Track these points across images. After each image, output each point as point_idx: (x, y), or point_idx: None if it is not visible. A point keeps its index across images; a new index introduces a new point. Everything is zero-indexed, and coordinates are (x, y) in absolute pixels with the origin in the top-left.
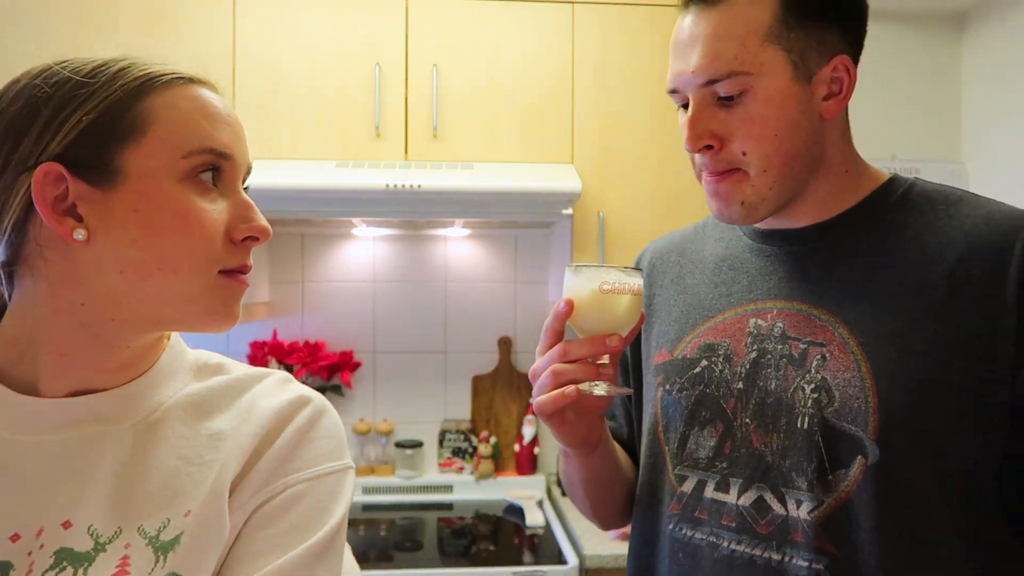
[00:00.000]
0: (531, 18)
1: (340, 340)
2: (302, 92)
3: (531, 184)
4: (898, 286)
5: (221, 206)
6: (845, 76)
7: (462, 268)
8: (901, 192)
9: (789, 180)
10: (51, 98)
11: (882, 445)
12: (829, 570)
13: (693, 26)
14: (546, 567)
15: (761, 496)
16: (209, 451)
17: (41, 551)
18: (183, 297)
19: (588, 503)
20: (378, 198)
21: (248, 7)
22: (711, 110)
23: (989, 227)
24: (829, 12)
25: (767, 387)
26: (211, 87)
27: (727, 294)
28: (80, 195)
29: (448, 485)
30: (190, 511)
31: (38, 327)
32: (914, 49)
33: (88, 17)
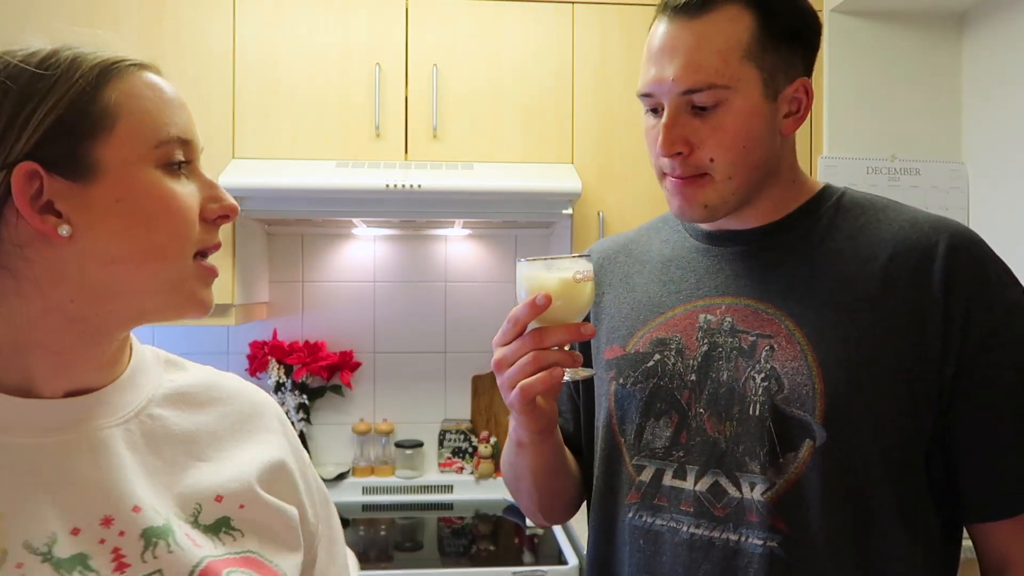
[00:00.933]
0: (531, 18)
1: (340, 340)
2: (302, 92)
3: (531, 184)
4: (837, 282)
5: (191, 188)
6: (804, 97)
7: (462, 268)
8: (835, 199)
9: (748, 188)
10: (7, 92)
11: (828, 428)
12: (782, 547)
13: (674, 36)
14: (546, 567)
15: (717, 481)
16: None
17: (123, 537)
18: (168, 284)
19: (536, 496)
20: (378, 198)
21: (248, 7)
22: (685, 118)
23: (914, 230)
24: (796, 37)
25: (719, 378)
26: (156, 70)
27: (676, 291)
28: (57, 191)
29: (448, 485)
30: (221, 497)
31: (25, 328)
32: (914, 49)
33: (88, 17)
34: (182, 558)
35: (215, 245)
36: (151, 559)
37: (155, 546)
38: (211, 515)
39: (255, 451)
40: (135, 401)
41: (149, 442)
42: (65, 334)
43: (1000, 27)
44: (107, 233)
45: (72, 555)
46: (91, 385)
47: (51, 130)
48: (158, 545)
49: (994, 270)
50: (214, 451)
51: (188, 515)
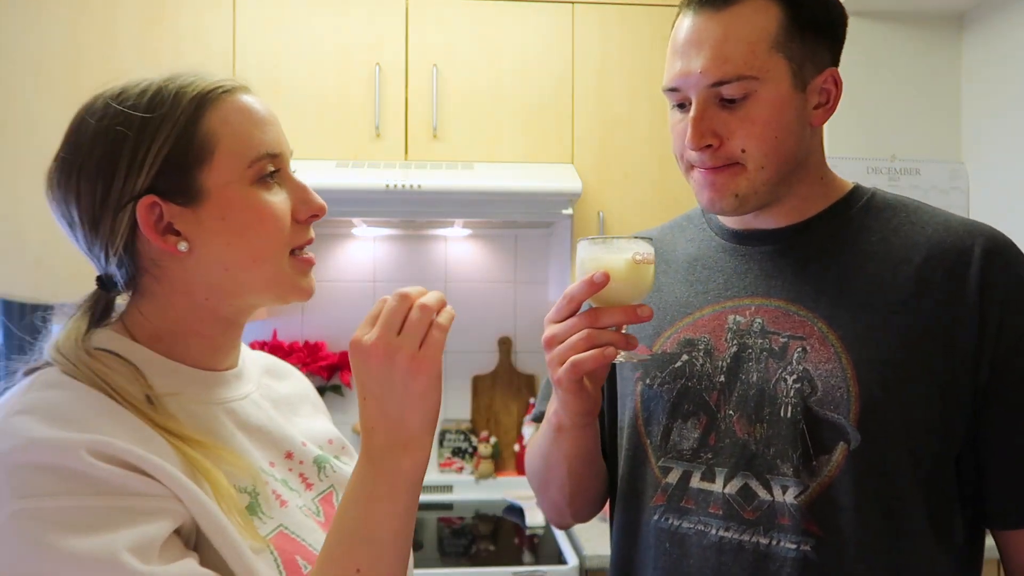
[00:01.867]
0: (531, 18)
1: (340, 340)
2: (302, 92)
3: (531, 184)
4: (870, 284)
5: (283, 195)
6: (833, 88)
7: (462, 268)
8: (865, 199)
9: (779, 179)
10: (126, 139)
11: (863, 430)
12: (815, 550)
13: (701, 28)
14: (546, 567)
15: (747, 483)
16: (296, 404)
17: (302, 464)
18: (272, 279)
19: (567, 487)
20: (378, 198)
21: (248, 7)
22: (714, 111)
23: (948, 233)
24: (823, 27)
25: (749, 379)
26: (246, 90)
27: (703, 292)
28: (174, 215)
29: (448, 485)
30: (331, 440)
31: (180, 320)
32: (914, 49)
33: (88, 17)
34: (343, 474)
35: (308, 240)
36: (324, 478)
37: (323, 469)
38: (332, 450)
39: (321, 421)
40: (254, 374)
41: (272, 402)
42: (209, 324)
43: (1000, 27)
44: (217, 245)
45: (282, 479)
46: (233, 363)
47: (163, 165)
48: (324, 468)
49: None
50: (299, 411)
51: (321, 448)
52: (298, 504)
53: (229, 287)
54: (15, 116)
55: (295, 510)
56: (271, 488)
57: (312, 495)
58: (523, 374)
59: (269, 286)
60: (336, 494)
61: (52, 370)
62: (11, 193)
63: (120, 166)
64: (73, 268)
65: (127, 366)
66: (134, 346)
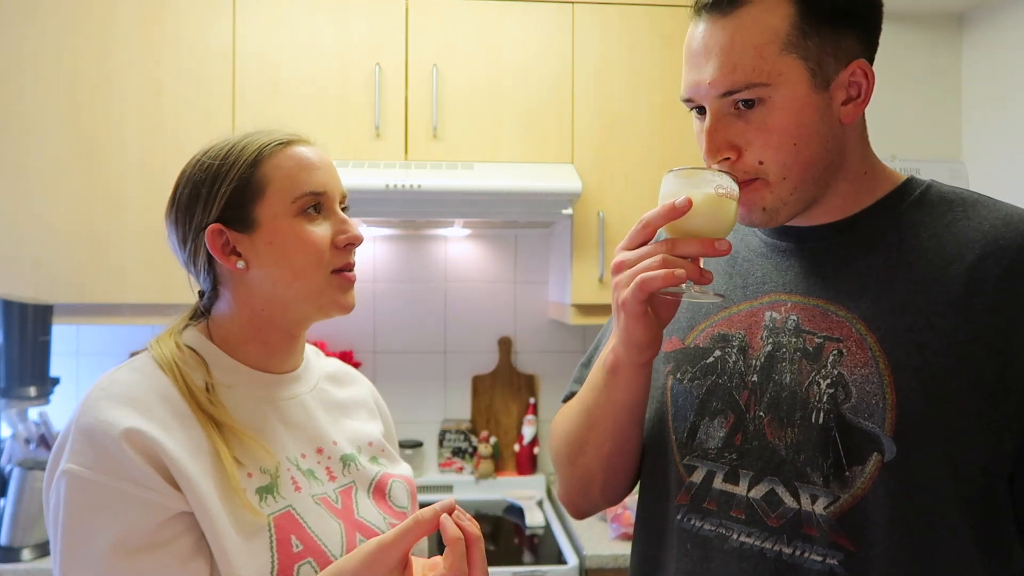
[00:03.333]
0: (531, 18)
1: (340, 340)
2: (302, 92)
3: (531, 184)
4: (916, 284)
5: (324, 226)
6: (863, 80)
7: (462, 268)
8: (919, 193)
9: (809, 185)
10: (205, 180)
11: (899, 442)
12: (843, 565)
13: (708, 35)
14: (546, 567)
15: (773, 489)
16: (351, 409)
17: (330, 460)
18: (313, 294)
19: (608, 446)
20: (378, 198)
21: (248, 7)
22: (728, 120)
23: (1008, 228)
24: (845, 17)
25: (782, 381)
26: (302, 142)
27: (742, 286)
28: (235, 240)
29: (448, 485)
30: (371, 443)
31: (245, 327)
32: (914, 49)
33: (88, 17)
34: (366, 473)
35: (347, 264)
36: (348, 474)
37: (349, 466)
38: (369, 452)
39: (372, 425)
40: (312, 379)
41: (324, 404)
42: (267, 331)
43: (1000, 27)
44: (266, 264)
45: (307, 469)
46: (292, 368)
47: (228, 201)
48: (350, 465)
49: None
50: (352, 415)
51: (359, 449)
52: (315, 492)
53: (279, 299)
54: (15, 116)
55: (308, 496)
56: (291, 475)
57: (334, 486)
58: (523, 374)
59: (310, 299)
60: (355, 489)
61: (145, 355)
62: (11, 193)
63: (199, 202)
64: (73, 269)
65: (198, 359)
66: (208, 344)
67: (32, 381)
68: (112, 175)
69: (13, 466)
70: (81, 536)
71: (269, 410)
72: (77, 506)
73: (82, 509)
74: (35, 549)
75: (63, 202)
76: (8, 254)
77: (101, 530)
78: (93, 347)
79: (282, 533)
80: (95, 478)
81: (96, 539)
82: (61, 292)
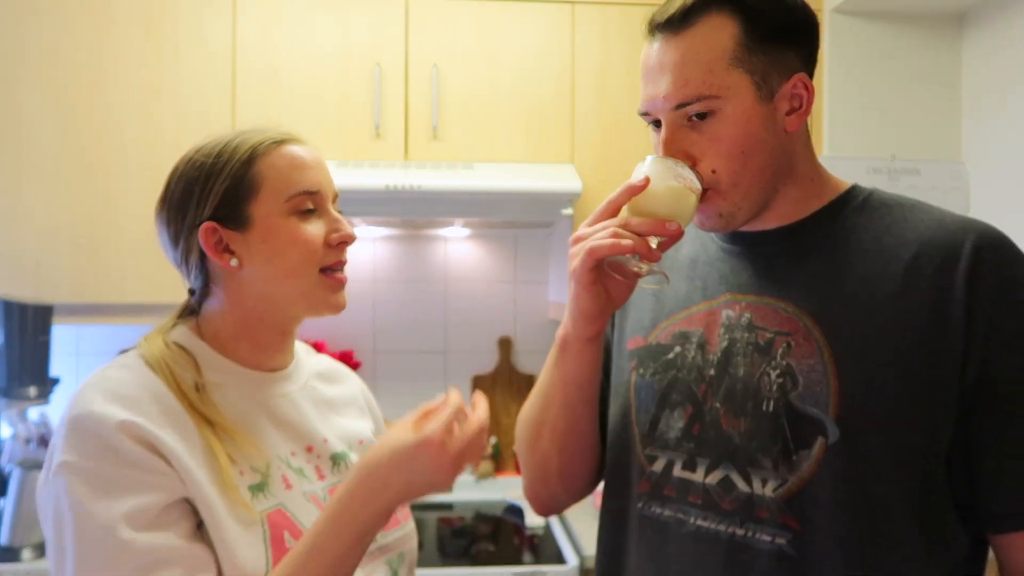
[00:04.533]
0: (531, 18)
1: (340, 340)
2: (302, 92)
3: (531, 184)
4: (858, 281)
5: (317, 224)
6: (804, 92)
7: (462, 268)
8: (862, 199)
9: (759, 190)
10: (198, 178)
11: (841, 426)
12: (791, 544)
13: (661, 53)
14: (546, 567)
15: (727, 475)
16: (341, 406)
17: (320, 459)
18: (304, 293)
19: (561, 427)
20: (378, 198)
21: (248, 7)
22: (683, 131)
23: (941, 229)
24: (785, 34)
25: (736, 373)
26: (295, 141)
27: (701, 288)
28: (229, 238)
29: None
30: (362, 441)
31: (237, 324)
32: (914, 49)
33: (88, 17)
34: None
35: (339, 262)
36: (337, 472)
37: (339, 464)
38: (360, 450)
39: (362, 423)
40: (303, 377)
41: (314, 402)
42: (258, 329)
43: (1000, 27)
44: (260, 262)
45: (298, 467)
46: (282, 365)
47: (222, 199)
48: (340, 464)
49: (1022, 272)
50: (343, 413)
51: (349, 446)
52: (305, 489)
53: (271, 297)
54: (15, 117)
55: (299, 494)
56: (281, 473)
57: (323, 484)
58: (523, 374)
59: (302, 298)
60: None
61: (133, 353)
62: (11, 193)
63: (192, 199)
64: (73, 269)
65: (188, 357)
66: (198, 342)
67: (32, 381)
68: (112, 175)
69: (13, 466)
70: (87, 523)
71: (259, 408)
72: (79, 495)
73: (85, 497)
74: (35, 549)
75: (63, 202)
76: (8, 254)
77: (107, 512)
78: (93, 347)
79: (275, 529)
80: (95, 467)
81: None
82: (61, 292)
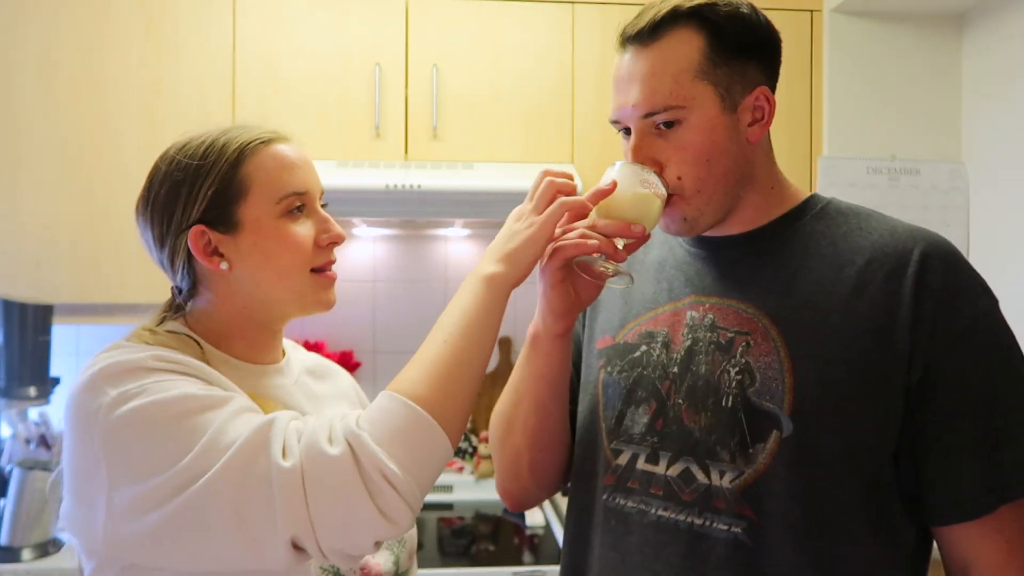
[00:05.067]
0: (531, 18)
1: (340, 340)
2: (302, 92)
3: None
4: (815, 284)
5: (307, 225)
6: (765, 104)
7: (462, 268)
8: (820, 207)
9: (722, 196)
10: (184, 180)
11: (795, 420)
12: (746, 533)
13: (631, 64)
14: (546, 567)
15: (687, 468)
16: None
17: None
18: (296, 293)
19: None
20: (378, 198)
21: (248, 7)
22: (651, 139)
23: (892, 238)
24: (748, 49)
25: (698, 371)
26: (281, 140)
27: (668, 290)
28: (218, 241)
29: (448, 485)
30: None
31: (227, 323)
32: (914, 49)
33: (89, 17)
34: None
35: (329, 262)
36: None
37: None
38: None
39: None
40: (295, 372)
41: (307, 397)
42: (247, 327)
43: (1000, 27)
44: (251, 265)
45: None
46: (274, 360)
47: (210, 202)
48: None
49: (966, 278)
50: (335, 407)
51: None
52: None
53: (262, 299)
54: (15, 116)
55: None
56: None
57: None
58: None
59: (293, 299)
60: None
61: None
62: (11, 193)
63: (179, 202)
64: (73, 269)
65: (186, 339)
66: (193, 334)
67: (32, 381)
68: (112, 175)
69: (13, 466)
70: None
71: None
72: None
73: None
74: (35, 549)
75: (63, 202)
76: (8, 254)
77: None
78: (93, 347)
79: None
80: (149, 381)
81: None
82: (61, 292)
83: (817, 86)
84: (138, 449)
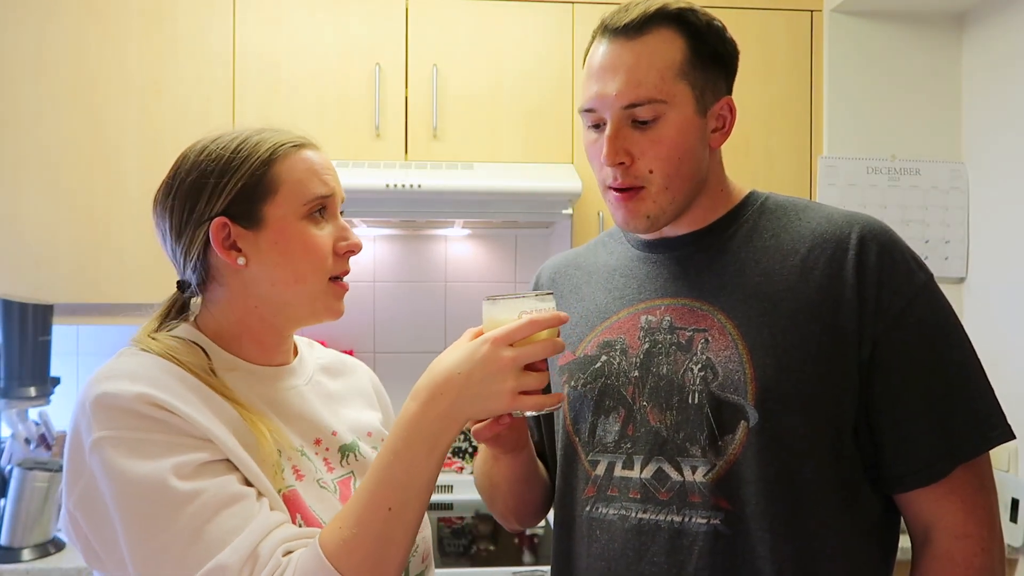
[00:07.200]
0: (531, 18)
1: (340, 340)
2: (302, 92)
3: (531, 184)
4: (762, 276)
5: (328, 230)
6: (728, 114)
7: (462, 268)
8: (760, 203)
9: (683, 197)
10: (213, 171)
11: (760, 409)
12: (724, 523)
13: (615, 55)
14: (546, 567)
15: (660, 467)
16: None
17: (328, 451)
18: (310, 298)
19: (510, 502)
20: (378, 198)
21: (248, 7)
22: (627, 131)
23: (830, 224)
24: (719, 59)
25: (660, 372)
26: (312, 147)
27: (620, 297)
28: (239, 236)
29: (448, 485)
30: (371, 432)
31: (239, 322)
32: (914, 49)
33: (89, 17)
34: (366, 462)
35: (344, 271)
36: (346, 464)
37: (347, 456)
38: (370, 442)
39: (370, 414)
40: (308, 372)
41: (320, 396)
42: (259, 328)
43: (1000, 27)
44: (269, 264)
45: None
46: (285, 361)
47: (237, 195)
48: (348, 456)
49: (901, 257)
50: (350, 404)
51: (359, 437)
52: (316, 478)
53: (274, 299)
54: (16, 116)
55: (311, 482)
56: (292, 463)
57: (332, 477)
58: None
59: (306, 303)
60: (355, 479)
61: (132, 348)
62: (11, 193)
63: (205, 191)
64: (73, 269)
65: (192, 346)
66: (203, 337)
67: (32, 381)
68: (112, 175)
69: (13, 466)
70: (135, 486)
71: (267, 403)
72: (120, 463)
73: (126, 464)
74: (35, 549)
75: (63, 202)
76: (8, 254)
77: (153, 469)
78: (93, 347)
79: (291, 507)
80: (130, 435)
81: (151, 478)
82: (61, 292)
83: (817, 86)
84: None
